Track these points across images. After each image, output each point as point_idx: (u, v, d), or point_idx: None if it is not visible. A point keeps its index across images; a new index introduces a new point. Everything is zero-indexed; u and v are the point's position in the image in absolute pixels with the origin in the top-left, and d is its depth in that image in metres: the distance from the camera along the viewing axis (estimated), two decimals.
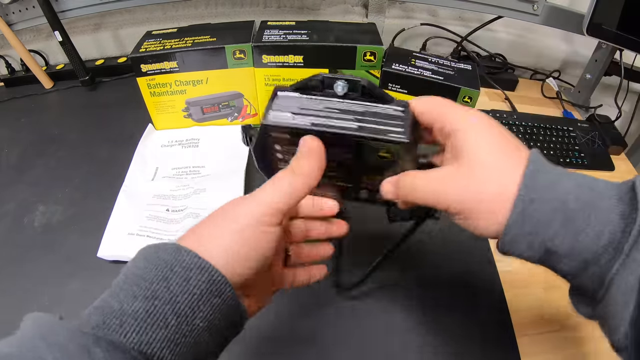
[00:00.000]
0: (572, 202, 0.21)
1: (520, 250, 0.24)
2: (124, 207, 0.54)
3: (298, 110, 0.28)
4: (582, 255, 0.22)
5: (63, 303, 0.45)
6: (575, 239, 0.21)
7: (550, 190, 0.22)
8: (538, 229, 0.22)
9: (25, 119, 0.71)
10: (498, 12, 0.72)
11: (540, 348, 0.43)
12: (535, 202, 0.22)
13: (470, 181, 0.24)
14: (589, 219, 0.21)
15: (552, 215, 0.22)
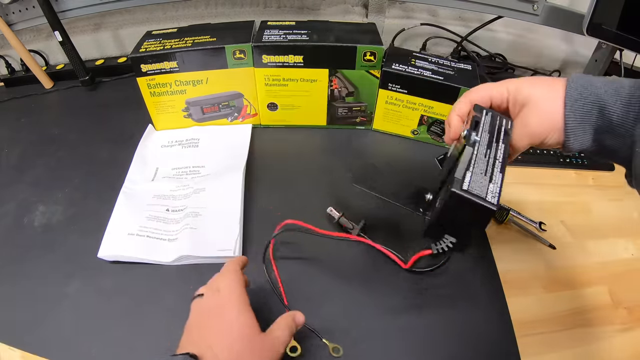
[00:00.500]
0: (603, 94, 0.30)
1: (580, 140, 0.31)
2: (124, 207, 0.54)
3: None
4: (617, 130, 0.30)
5: (63, 303, 0.45)
6: (610, 121, 0.30)
7: (586, 89, 0.31)
8: (586, 120, 0.31)
9: (25, 119, 0.71)
10: (498, 12, 0.72)
11: (540, 348, 0.43)
12: (578, 101, 0.31)
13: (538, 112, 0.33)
14: (617, 103, 0.30)
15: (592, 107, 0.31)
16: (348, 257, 0.50)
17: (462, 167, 0.29)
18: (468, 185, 0.28)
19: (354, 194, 0.57)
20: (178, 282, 0.47)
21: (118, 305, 0.45)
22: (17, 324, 0.44)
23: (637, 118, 0.28)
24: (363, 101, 0.65)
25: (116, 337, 0.43)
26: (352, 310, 0.45)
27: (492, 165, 0.30)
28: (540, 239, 0.54)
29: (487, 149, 0.31)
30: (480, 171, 0.30)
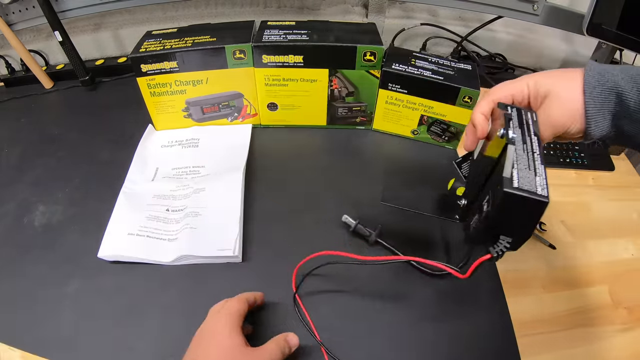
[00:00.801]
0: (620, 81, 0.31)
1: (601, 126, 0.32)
2: (124, 207, 0.54)
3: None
4: (636, 115, 0.30)
5: (63, 303, 0.45)
6: (628, 107, 0.31)
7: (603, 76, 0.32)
8: (605, 106, 0.31)
9: (25, 119, 0.71)
10: (498, 12, 0.72)
11: (540, 348, 0.43)
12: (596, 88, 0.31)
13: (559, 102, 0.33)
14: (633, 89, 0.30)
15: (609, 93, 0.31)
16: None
17: (509, 166, 0.30)
18: (518, 183, 0.29)
19: (354, 194, 0.57)
20: (178, 282, 0.47)
21: (118, 305, 0.45)
22: (17, 324, 0.44)
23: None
24: (363, 101, 0.65)
25: (116, 337, 0.43)
26: (350, 310, 0.45)
27: (532, 160, 0.31)
28: (540, 239, 0.54)
29: (524, 144, 0.32)
30: (524, 167, 0.30)
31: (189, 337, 0.42)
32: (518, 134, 0.32)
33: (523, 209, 0.29)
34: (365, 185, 0.58)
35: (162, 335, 0.43)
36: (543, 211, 0.29)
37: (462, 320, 0.45)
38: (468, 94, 0.57)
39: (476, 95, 0.57)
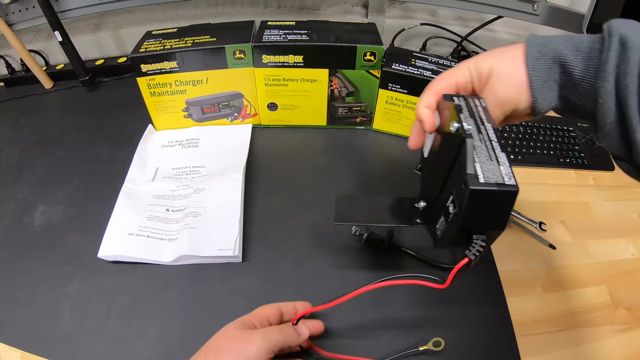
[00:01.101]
0: (562, 49, 0.30)
1: (549, 98, 0.31)
2: (124, 207, 0.54)
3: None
4: (580, 85, 0.30)
5: (63, 303, 0.45)
6: (572, 76, 0.30)
7: (545, 47, 0.31)
8: (549, 78, 0.31)
9: (25, 119, 0.71)
10: (498, 12, 0.72)
11: (540, 348, 0.43)
12: (539, 60, 0.31)
13: (501, 79, 0.33)
14: (577, 58, 0.30)
15: (553, 64, 0.31)
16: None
17: (470, 161, 0.28)
18: (484, 177, 0.27)
19: (355, 193, 0.57)
20: (178, 282, 0.47)
21: (118, 305, 0.45)
22: (17, 324, 0.44)
23: (597, 71, 0.29)
24: (363, 101, 0.65)
25: (116, 337, 0.43)
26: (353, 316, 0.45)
27: (492, 149, 0.29)
28: (540, 239, 0.54)
29: (479, 134, 0.30)
30: (486, 158, 0.28)
31: (189, 337, 0.43)
32: (472, 125, 0.30)
33: (494, 204, 0.27)
34: (365, 185, 0.58)
35: (162, 335, 0.43)
36: (514, 200, 0.27)
37: (462, 320, 0.45)
38: None
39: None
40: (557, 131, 0.68)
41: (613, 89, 0.28)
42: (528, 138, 0.67)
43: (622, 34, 0.27)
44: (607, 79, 0.28)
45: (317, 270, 0.49)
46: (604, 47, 0.28)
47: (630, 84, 0.26)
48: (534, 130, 0.68)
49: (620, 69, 0.27)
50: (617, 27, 0.28)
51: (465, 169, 0.27)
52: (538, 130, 0.68)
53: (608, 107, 0.28)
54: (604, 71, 0.28)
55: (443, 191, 0.33)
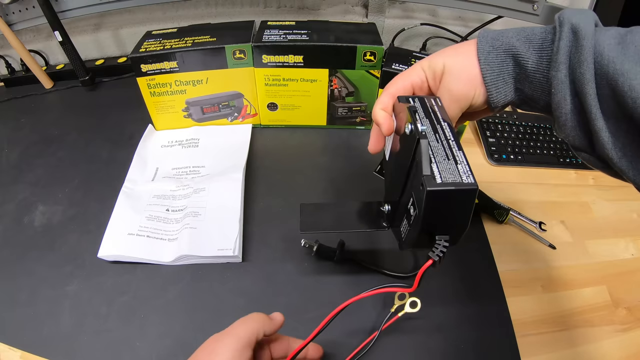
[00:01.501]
0: (515, 40, 0.30)
1: (504, 91, 0.31)
2: (124, 207, 0.54)
3: None
4: (534, 76, 0.29)
5: (63, 303, 0.45)
6: (525, 68, 0.30)
7: (497, 40, 0.31)
8: (502, 72, 0.31)
9: (25, 119, 0.71)
10: (498, 12, 0.72)
11: (540, 348, 0.43)
12: (491, 53, 0.31)
13: (454, 76, 0.32)
14: (529, 50, 0.29)
15: (505, 56, 0.30)
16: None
17: (426, 162, 0.27)
18: (441, 178, 0.27)
19: (354, 193, 0.57)
20: (178, 282, 0.47)
21: (118, 305, 0.45)
22: (17, 324, 0.44)
23: (549, 62, 0.28)
24: (363, 101, 0.65)
25: (116, 337, 0.43)
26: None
27: (449, 147, 0.29)
28: (540, 239, 0.54)
29: (435, 134, 0.30)
30: (443, 158, 0.28)
31: (189, 337, 0.43)
32: (427, 125, 0.30)
33: (453, 203, 0.27)
34: (365, 185, 0.58)
35: (162, 335, 0.43)
36: (474, 199, 0.27)
37: (462, 321, 0.45)
38: None
39: None
40: None
41: (566, 79, 0.27)
42: (528, 138, 0.67)
43: (572, 22, 0.27)
44: (559, 69, 0.27)
45: (316, 270, 0.49)
46: (555, 37, 0.28)
47: (586, 71, 0.26)
48: (533, 130, 0.68)
49: (574, 57, 0.27)
50: (568, 16, 0.28)
51: (422, 170, 0.27)
52: (538, 130, 0.68)
53: (562, 96, 0.28)
54: (555, 61, 0.28)
55: (404, 194, 0.32)
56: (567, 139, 0.30)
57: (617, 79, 0.25)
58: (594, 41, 0.26)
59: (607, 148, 0.26)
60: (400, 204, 0.34)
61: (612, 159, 0.27)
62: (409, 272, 0.48)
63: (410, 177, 0.31)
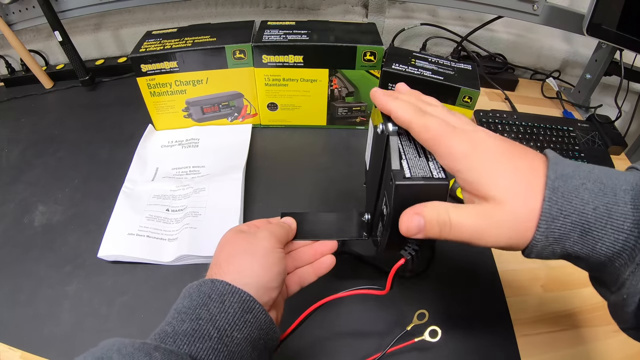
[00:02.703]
0: (590, 214, 0.23)
1: (544, 257, 0.25)
2: (124, 207, 0.54)
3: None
4: (598, 259, 0.23)
5: (63, 303, 0.45)
6: (592, 248, 0.23)
7: (570, 203, 0.23)
8: (560, 241, 0.24)
9: (25, 119, 0.71)
10: (498, 12, 0.72)
11: (540, 348, 0.43)
12: (557, 220, 0.23)
13: (502, 217, 0.24)
14: (604, 229, 0.22)
15: (572, 228, 0.23)
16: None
17: (395, 157, 0.27)
18: (410, 173, 0.26)
19: (353, 193, 0.57)
20: (178, 282, 0.47)
21: (118, 305, 0.45)
22: (17, 324, 0.44)
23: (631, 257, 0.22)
24: (363, 101, 0.65)
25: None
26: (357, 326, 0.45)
27: (421, 149, 0.28)
28: None
29: (410, 141, 0.29)
30: (414, 156, 0.28)
31: None
32: (403, 132, 0.29)
33: (423, 198, 0.26)
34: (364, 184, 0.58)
35: None
36: (445, 194, 0.26)
37: (462, 321, 0.45)
38: (468, 94, 0.57)
39: (476, 96, 0.57)
40: (557, 131, 0.68)
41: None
42: (528, 138, 0.67)
43: None
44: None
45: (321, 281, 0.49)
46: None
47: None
48: (534, 130, 0.68)
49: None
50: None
51: (391, 165, 0.27)
52: (538, 130, 0.68)
53: (634, 299, 0.22)
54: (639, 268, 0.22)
55: (379, 199, 0.32)
56: (621, 317, 0.24)
57: None
58: None
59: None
60: (376, 209, 0.34)
61: None
62: (405, 271, 0.48)
63: (383, 179, 0.31)
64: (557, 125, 0.69)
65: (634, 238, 0.22)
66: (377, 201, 0.33)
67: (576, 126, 0.70)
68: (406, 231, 0.26)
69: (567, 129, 0.69)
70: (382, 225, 0.31)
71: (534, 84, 0.84)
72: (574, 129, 0.69)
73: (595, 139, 0.68)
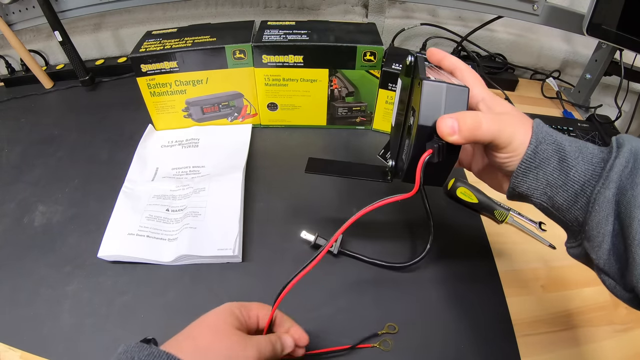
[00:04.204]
0: (567, 145, 0.29)
1: (529, 184, 0.30)
2: (124, 207, 0.54)
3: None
4: (572, 187, 0.29)
5: (63, 303, 0.45)
6: (567, 175, 0.29)
7: (551, 137, 0.30)
8: (542, 164, 0.30)
9: (25, 119, 0.71)
10: (498, 12, 0.72)
11: (540, 348, 0.43)
12: (542, 144, 0.30)
13: (515, 129, 0.30)
14: (578, 158, 0.29)
15: (552, 154, 0.29)
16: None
17: (423, 71, 0.30)
18: (434, 79, 0.29)
19: (353, 193, 0.57)
20: (178, 282, 0.47)
21: (118, 305, 0.45)
22: (17, 324, 0.44)
23: (597, 177, 0.28)
24: (363, 101, 0.65)
25: (116, 337, 0.43)
26: (352, 319, 0.45)
27: (446, 76, 0.32)
28: (540, 239, 0.54)
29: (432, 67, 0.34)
30: (437, 76, 0.31)
31: None
32: (428, 71, 0.32)
33: (448, 99, 0.29)
34: (365, 184, 0.58)
35: (162, 335, 0.43)
36: (466, 97, 0.30)
37: (462, 321, 0.45)
38: None
39: None
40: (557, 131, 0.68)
41: (613, 199, 0.26)
42: None
43: (633, 145, 0.27)
44: (608, 187, 0.26)
45: (316, 270, 0.49)
46: (610, 156, 0.27)
47: (638, 195, 0.25)
48: None
49: (627, 179, 0.26)
50: (628, 139, 0.28)
51: (419, 76, 0.30)
52: None
53: (603, 216, 0.27)
54: (606, 178, 0.27)
55: (403, 134, 0.35)
56: (597, 260, 0.28)
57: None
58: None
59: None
60: (401, 145, 0.35)
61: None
62: (405, 262, 0.48)
63: (409, 107, 0.33)
64: (557, 125, 0.69)
65: (601, 166, 0.28)
66: (401, 147, 0.35)
67: (576, 126, 0.70)
68: (443, 129, 0.29)
69: (567, 129, 0.69)
70: (409, 139, 0.32)
71: (534, 84, 0.84)
72: (574, 129, 0.69)
73: (595, 139, 0.68)
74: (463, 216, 0.55)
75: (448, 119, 0.29)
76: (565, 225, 0.31)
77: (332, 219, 0.53)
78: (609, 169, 0.27)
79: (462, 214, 0.56)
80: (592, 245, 0.28)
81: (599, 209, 0.27)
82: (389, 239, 0.52)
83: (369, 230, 0.53)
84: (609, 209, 0.27)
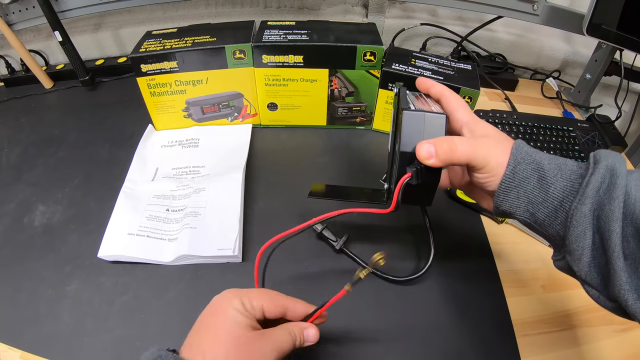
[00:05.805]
0: (546, 164, 0.31)
1: (511, 202, 0.32)
2: (124, 207, 0.54)
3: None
4: (552, 203, 0.30)
5: (63, 303, 0.45)
6: (547, 192, 0.30)
7: (530, 157, 0.31)
8: (522, 183, 0.31)
9: (25, 119, 0.71)
10: (498, 12, 0.72)
11: (540, 348, 0.43)
12: (520, 164, 0.31)
13: (490, 150, 0.32)
14: (557, 176, 0.30)
15: (532, 173, 0.31)
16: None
17: (405, 102, 0.33)
18: (414, 108, 0.33)
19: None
20: (178, 282, 0.47)
21: (118, 305, 0.45)
22: (17, 323, 0.44)
23: (574, 193, 0.29)
24: (363, 101, 0.65)
25: (116, 337, 0.43)
26: (351, 318, 0.45)
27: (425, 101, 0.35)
28: (540, 239, 0.54)
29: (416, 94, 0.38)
30: (420, 105, 0.34)
31: None
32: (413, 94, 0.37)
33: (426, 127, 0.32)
34: (365, 184, 0.58)
35: (162, 335, 0.43)
36: (445, 126, 0.32)
37: (462, 321, 0.45)
38: (468, 94, 0.57)
39: (476, 95, 0.57)
40: (557, 131, 0.68)
41: (590, 214, 0.28)
42: (528, 138, 0.67)
43: (609, 162, 0.28)
44: (584, 202, 0.28)
45: (317, 270, 0.49)
46: (587, 173, 0.29)
47: (616, 209, 0.26)
48: (534, 130, 0.68)
49: (605, 195, 0.27)
50: (605, 155, 0.29)
51: (401, 106, 0.33)
52: (538, 130, 0.68)
53: (581, 230, 0.28)
54: (582, 194, 0.28)
55: (394, 159, 0.37)
56: (579, 272, 0.29)
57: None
58: (626, 181, 0.27)
59: (624, 289, 0.26)
60: (392, 166, 0.38)
61: (627, 300, 0.26)
62: (406, 276, 0.48)
63: (396, 134, 0.35)
64: (557, 125, 0.69)
65: (578, 183, 0.29)
66: (392, 171, 0.37)
67: (576, 126, 0.70)
68: (421, 153, 0.31)
69: (567, 129, 0.69)
70: (395, 165, 0.35)
71: (534, 84, 0.84)
72: (574, 129, 0.69)
73: (595, 139, 0.68)
74: (463, 216, 0.56)
75: (426, 144, 0.31)
76: (549, 240, 0.32)
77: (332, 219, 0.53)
78: (585, 185, 0.28)
79: (462, 214, 0.56)
80: (573, 258, 0.29)
81: (576, 224, 0.28)
82: (389, 244, 0.52)
83: (372, 232, 0.53)
84: (586, 223, 0.28)
